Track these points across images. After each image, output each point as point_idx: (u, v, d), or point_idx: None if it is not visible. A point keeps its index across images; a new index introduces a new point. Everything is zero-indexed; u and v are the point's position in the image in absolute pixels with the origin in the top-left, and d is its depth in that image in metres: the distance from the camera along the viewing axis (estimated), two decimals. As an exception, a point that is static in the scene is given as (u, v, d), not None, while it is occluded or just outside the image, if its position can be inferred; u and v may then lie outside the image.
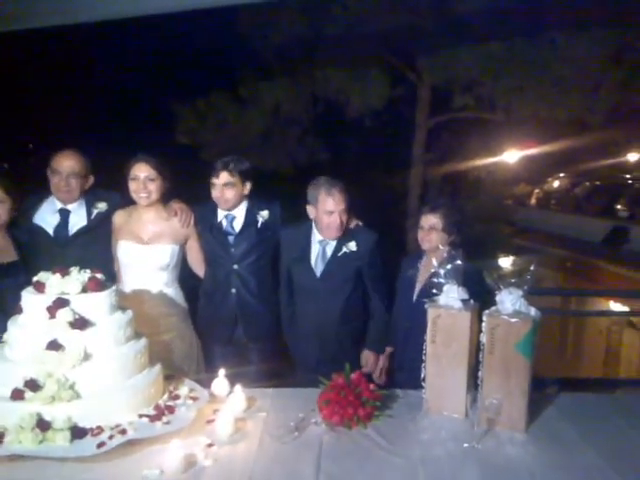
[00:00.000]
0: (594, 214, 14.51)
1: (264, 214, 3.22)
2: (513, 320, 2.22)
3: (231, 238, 3.21)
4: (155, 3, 3.55)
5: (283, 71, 10.85)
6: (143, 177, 3.04)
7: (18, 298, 2.35)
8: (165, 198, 3.17)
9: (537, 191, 18.62)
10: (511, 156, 14.32)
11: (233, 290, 3.21)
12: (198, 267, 3.33)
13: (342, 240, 3.11)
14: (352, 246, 3.10)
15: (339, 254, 3.11)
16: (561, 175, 18.62)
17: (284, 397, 2.59)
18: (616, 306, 9.17)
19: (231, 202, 3.16)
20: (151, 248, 3.09)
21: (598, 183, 16.32)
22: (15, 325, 2.31)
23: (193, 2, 3.48)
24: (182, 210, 3.18)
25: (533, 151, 14.07)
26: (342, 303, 3.11)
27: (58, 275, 2.36)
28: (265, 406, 2.49)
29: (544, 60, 9.81)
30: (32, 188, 3.38)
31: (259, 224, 3.22)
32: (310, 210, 3.12)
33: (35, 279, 2.38)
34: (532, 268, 2.30)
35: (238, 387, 2.47)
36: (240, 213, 3.23)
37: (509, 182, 14.88)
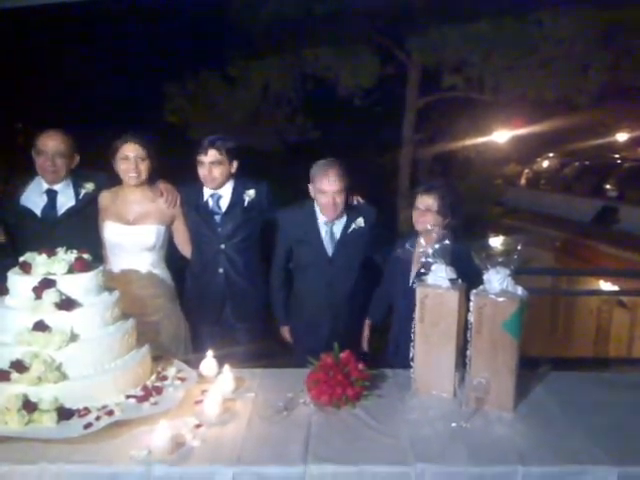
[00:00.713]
0: (583, 194, 14.60)
1: (250, 193, 3.20)
2: (500, 299, 2.22)
3: (217, 217, 3.18)
4: None
5: (272, 50, 10.71)
6: (133, 157, 3.01)
7: (5, 279, 2.33)
8: (151, 179, 3.13)
9: (527, 171, 18.67)
10: (501, 136, 14.32)
11: (221, 270, 3.20)
12: (185, 248, 3.30)
13: (350, 218, 3.12)
14: (360, 222, 3.12)
15: (349, 231, 3.12)
16: (550, 155, 18.68)
17: (273, 377, 2.59)
18: (606, 285, 9.27)
19: (218, 181, 3.13)
20: (137, 229, 3.06)
21: (587, 163, 16.39)
22: (1, 306, 2.28)
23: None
24: (168, 191, 3.16)
25: (522, 131, 14.08)
26: (354, 280, 3.14)
27: (44, 256, 2.33)
28: (254, 386, 2.49)
29: (533, 40, 9.77)
30: (21, 168, 3.33)
31: (245, 203, 3.19)
32: (311, 189, 3.12)
33: (21, 259, 2.35)
34: (519, 248, 2.30)
35: (226, 367, 2.47)
36: (226, 192, 3.20)
37: (499, 162, 14.90)
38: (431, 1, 9.36)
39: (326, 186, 2.99)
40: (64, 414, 2.07)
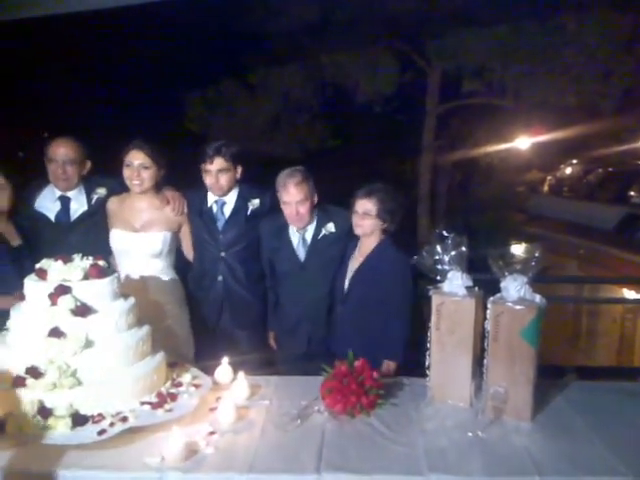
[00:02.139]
0: (607, 201, 14.32)
1: (255, 202, 3.22)
2: (517, 307, 2.19)
3: (220, 224, 3.21)
4: None
5: (292, 58, 10.77)
6: (137, 164, 3.03)
7: (19, 283, 2.36)
8: (161, 185, 3.16)
9: (549, 178, 18.41)
10: (523, 143, 14.14)
11: (220, 277, 3.23)
12: (191, 254, 3.32)
13: (320, 223, 3.11)
14: (330, 227, 3.10)
15: (319, 237, 3.11)
16: (573, 162, 18.39)
17: (287, 385, 2.58)
18: (630, 294, 9.06)
19: (225, 187, 3.16)
20: (143, 235, 3.08)
21: (611, 170, 16.09)
22: (18, 312, 2.31)
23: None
24: (174, 198, 3.18)
25: (545, 137, 13.88)
26: (328, 285, 3.09)
27: (60, 262, 2.35)
28: (268, 394, 2.48)
29: (555, 45, 9.64)
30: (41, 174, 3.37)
31: (248, 211, 3.22)
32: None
33: (37, 266, 2.38)
34: (537, 255, 2.26)
35: (241, 375, 2.47)
36: (231, 199, 3.22)
37: (521, 169, 14.72)
38: (451, 7, 9.31)
39: (286, 197, 3.00)
40: (79, 420, 2.08)
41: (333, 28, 9.96)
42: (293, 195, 2.98)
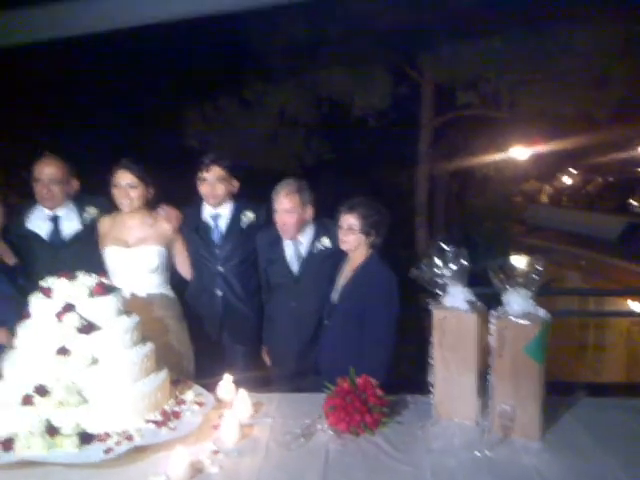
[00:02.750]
0: (608, 210, 14.33)
1: (250, 215, 3.26)
2: (521, 322, 2.17)
3: (216, 238, 3.24)
4: (156, 12, 3.53)
5: (287, 73, 10.84)
6: (124, 184, 3.06)
7: (15, 301, 2.37)
8: (153, 202, 3.19)
9: (547, 188, 18.47)
10: (519, 153, 14.19)
11: (219, 292, 3.24)
12: (186, 271, 3.33)
13: (315, 237, 3.13)
14: (326, 242, 3.11)
15: (314, 251, 3.12)
16: (572, 171, 18.45)
17: (290, 402, 2.58)
18: (635, 305, 8.98)
19: (220, 197, 3.20)
20: (138, 250, 3.09)
21: (611, 179, 16.14)
22: (24, 330, 2.31)
23: (193, 10, 3.46)
24: (169, 211, 3.22)
25: (542, 147, 13.94)
26: (320, 301, 3.06)
27: (64, 279, 2.36)
28: (271, 411, 2.48)
29: (549, 54, 9.68)
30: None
31: (243, 225, 3.25)
32: None
33: (42, 284, 2.38)
34: (539, 267, 2.24)
35: (243, 392, 2.46)
36: (225, 212, 3.26)
37: (518, 179, 14.75)
38: (442, 18, 9.38)
39: (275, 205, 3.05)
40: (85, 439, 2.08)
41: (327, 43, 10.04)
42: (281, 204, 3.02)
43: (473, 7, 8.78)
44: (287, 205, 3.00)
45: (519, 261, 2.40)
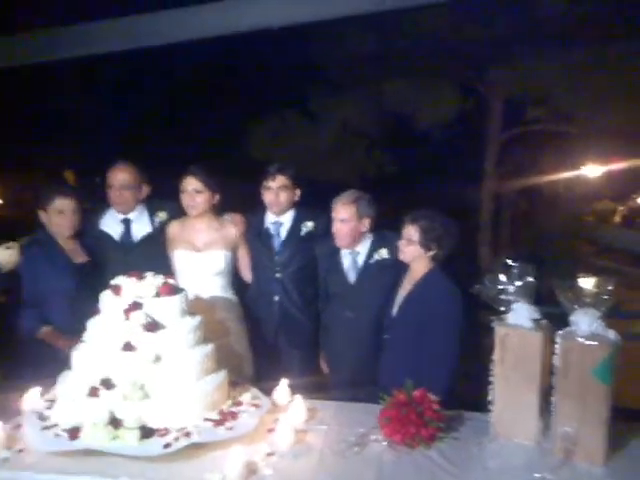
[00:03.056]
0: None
1: (309, 224, 3.34)
2: (589, 343, 2.09)
3: (276, 245, 3.33)
4: (226, 25, 3.67)
5: (352, 85, 10.92)
6: (191, 189, 3.19)
7: (89, 297, 2.50)
8: (219, 208, 3.32)
9: (621, 208, 17.58)
10: (591, 171, 13.61)
11: (276, 298, 3.32)
12: (248, 275, 3.45)
13: (373, 248, 3.14)
14: (384, 253, 3.11)
15: (371, 261, 3.13)
16: (648, 192, 17.50)
17: (345, 410, 2.57)
18: None
19: (283, 205, 3.29)
20: (205, 255, 3.23)
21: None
22: (93, 325, 2.43)
23: (265, 21, 3.57)
24: (235, 216, 3.37)
25: (616, 166, 13.31)
26: (376, 311, 3.06)
27: (134, 279, 2.48)
28: (326, 418, 2.48)
29: (623, 69, 9.27)
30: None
31: (302, 233, 3.33)
32: None
33: (112, 282, 2.50)
34: (609, 288, 2.15)
35: (298, 397, 2.48)
36: (287, 220, 3.35)
37: (589, 198, 14.14)
38: (514, 32, 9.19)
39: (333, 214, 3.10)
40: (146, 432, 2.16)
41: (393, 56, 10.05)
42: (337, 212, 3.08)
43: (546, 20, 8.57)
44: (342, 214, 3.06)
45: (588, 282, 2.30)
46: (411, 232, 2.84)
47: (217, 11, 3.63)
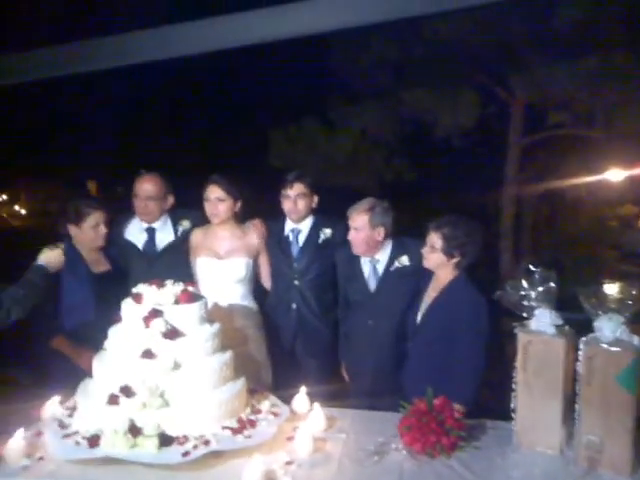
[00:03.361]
0: None
1: (327, 232, 3.35)
2: (613, 349, 2.04)
3: (295, 252, 3.34)
4: (246, 36, 3.69)
5: (371, 94, 10.93)
6: (213, 198, 3.23)
7: (112, 304, 2.52)
8: (241, 215, 3.34)
9: (646, 212, 17.23)
10: (615, 175, 13.38)
11: (294, 305, 3.33)
12: (268, 282, 3.47)
13: (393, 255, 3.12)
14: (404, 260, 3.10)
15: (391, 269, 3.11)
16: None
17: (364, 419, 2.56)
18: None
19: (302, 212, 3.32)
20: (227, 262, 3.25)
21: None
22: (114, 333, 2.46)
23: (282, 33, 3.58)
24: (257, 223, 3.39)
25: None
26: (397, 319, 3.05)
27: (154, 287, 2.50)
28: (345, 427, 2.47)
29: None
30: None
31: (320, 240, 3.34)
32: None
33: (134, 290, 2.53)
34: (634, 293, 2.10)
35: (317, 406, 2.47)
36: (305, 227, 3.38)
37: (613, 203, 13.90)
38: (534, 37, 9.11)
39: (349, 221, 3.09)
40: (165, 440, 2.16)
41: (412, 64, 10.04)
42: (352, 221, 3.09)
43: (566, 25, 8.49)
44: (355, 223, 3.08)
45: (612, 288, 2.25)
46: (434, 239, 2.83)
47: (238, 22, 3.65)
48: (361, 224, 3.06)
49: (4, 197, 20.76)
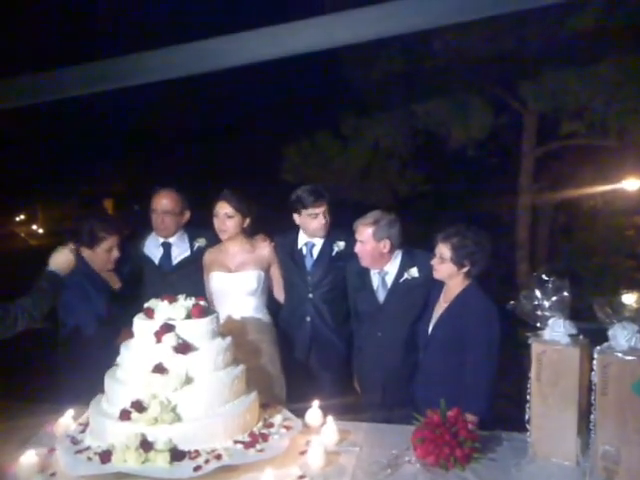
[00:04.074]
0: None
1: (340, 244, 3.35)
2: (628, 358, 2.01)
3: (309, 265, 3.34)
4: (263, 51, 3.71)
5: (383, 107, 10.98)
6: (222, 214, 3.25)
7: (121, 321, 2.54)
8: (250, 230, 3.35)
9: (664, 221, 16.96)
10: (631, 184, 13.23)
11: (308, 318, 3.33)
12: (280, 294, 3.48)
13: (402, 267, 3.12)
14: (414, 272, 3.09)
15: (400, 280, 3.10)
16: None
17: (377, 432, 2.54)
18: None
19: (326, 228, 3.32)
20: (239, 275, 3.28)
21: None
22: (127, 349, 2.47)
23: (287, 50, 3.60)
24: (265, 238, 3.41)
25: (658, 179, 12.89)
26: (406, 331, 3.04)
27: (166, 302, 2.51)
28: (358, 440, 2.45)
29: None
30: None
31: (333, 252, 3.34)
32: None
33: (146, 305, 2.54)
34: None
35: (330, 419, 2.45)
36: (319, 241, 3.37)
37: (629, 212, 13.74)
38: (546, 47, 9.10)
39: (356, 234, 3.10)
40: (177, 455, 2.15)
41: (424, 76, 10.07)
42: (359, 234, 3.09)
43: (577, 34, 8.48)
44: (360, 235, 3.09)
45: (629, 297, 2.22)
46: (443, 250, 2.83)
47: (253, 39, 3.65)
48: (366, 237, 3.07)
49: (22, 217, 21.12)
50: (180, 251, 3.48)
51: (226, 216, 3.24)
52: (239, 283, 3.26)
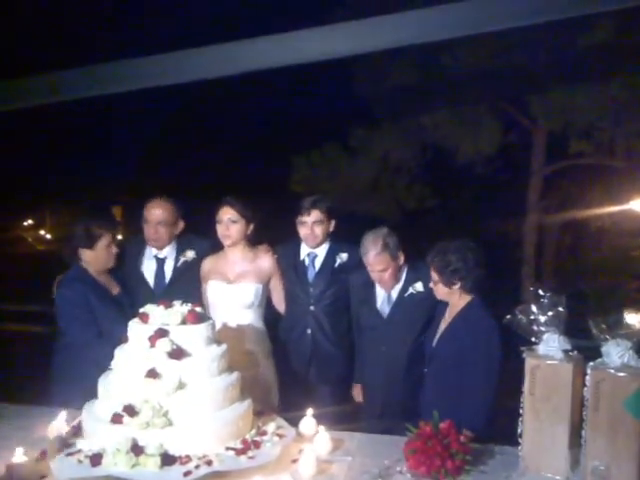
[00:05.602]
0: None
1: (343, 256, 3.33)
2: (620, 374, 2.01)
3: (311, 277, 3.32)
4: (267, 60, 3.73)
5: (392, 120, 11.04)
6: (226, 219, 3.22)
7: (123, 327, 2.55)
8: (253, 239, 3.32)
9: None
10: (639, 205, 13.16)
11: (309, 331, 3.31)
12: (281, 306, 3.45)
13: (407, 281, 3.10)
14: (419, 287, 3.08)
15: (405, 295, 3.10)
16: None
17: (370, 442, 2.53)
18: None
19: (319, 239, 3.30)
20: (236, 287, 3.23)
21: None
22: (120, 353, 2.48)
23: (299, 57, 3.62)
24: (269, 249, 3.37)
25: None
26: (410, 345, 3.04)
27: (162, 307, 2.52)
28: (351, 450, 2.44)
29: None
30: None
31: (336, 265, 3.32)
32: None
33: (141, 310, 2.55)
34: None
35: (322, 428, 2.45)
36: (322, 252, 3.35)
37: (636, 233, 13.67)
38: (556, 64, 9.13)
39: (368, 266, 3.05)
40: (167, 460, 2.15)
41: (434, 90, 10.14)
42: (373, 265, 3.04)
43: (589, 52, 8.51)
44: (379, 266, 3.04)
45: (634, 317, 2.21)
46: (432, 273, 2.85)
47: (260, 46, 3.66)
48: (385, 264, 3.03)
49: (30, 222, 21.30)
50: (172, 264, 3.39)
51: (230, 221, 3.20)
52: (236, 295, 3.22)
